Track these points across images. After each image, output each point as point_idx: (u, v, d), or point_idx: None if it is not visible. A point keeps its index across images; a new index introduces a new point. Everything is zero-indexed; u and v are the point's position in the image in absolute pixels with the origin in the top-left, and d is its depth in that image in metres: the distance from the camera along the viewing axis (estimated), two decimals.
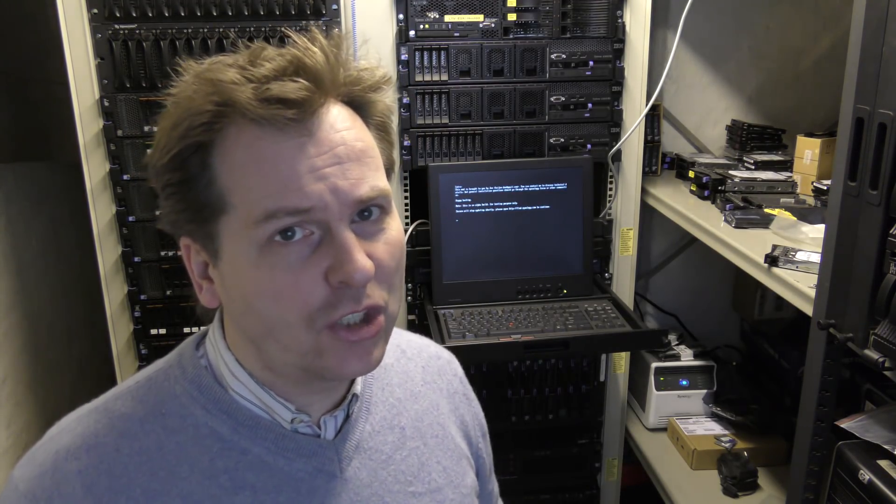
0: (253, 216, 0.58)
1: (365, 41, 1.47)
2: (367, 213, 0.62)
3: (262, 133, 0.58)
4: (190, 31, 1.43)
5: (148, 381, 0.69)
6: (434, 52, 1.54)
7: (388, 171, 0.67)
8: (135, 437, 0.65)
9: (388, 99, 0.67)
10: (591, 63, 1.60)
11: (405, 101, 1.56)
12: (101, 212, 1.50)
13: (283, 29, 1.41)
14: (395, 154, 1.54)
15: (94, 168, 1.48)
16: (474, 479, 0.85)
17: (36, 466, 0.64)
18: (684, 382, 1.80)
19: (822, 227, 1.11)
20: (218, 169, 0.60)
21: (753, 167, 1.74)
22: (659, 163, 1.92)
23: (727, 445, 1.65)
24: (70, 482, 0.62)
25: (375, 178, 0.62)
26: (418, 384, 0.83)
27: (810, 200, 1.53)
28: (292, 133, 0.58)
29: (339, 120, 0.61)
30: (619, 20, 1.58)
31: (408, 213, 1.64)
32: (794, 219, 1.39)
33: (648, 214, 1.94)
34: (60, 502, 0.62)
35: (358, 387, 0.74)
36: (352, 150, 0.61)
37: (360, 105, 0.64)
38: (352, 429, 0.72)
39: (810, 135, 1.63)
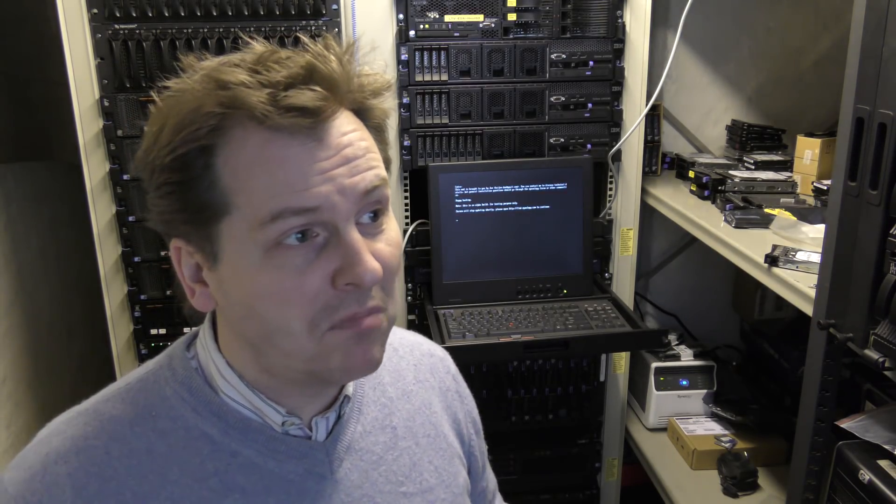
0: (259, 217, 0.58)
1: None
2: (371, 215, 0.63)
3: (272, 136, 0.58)
4: (190, 31, 1.43)
5: (138, 382, 0.69)
6: (434, 52, 1.54)
7: (386, 167, 0.68)
8: (125, 440, 0.64)
9: (387, 104, 0.67)
10: (591, 63, 1.59)
11: (405, 101, 1.56)
12: (101, 212, 1.50)
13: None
14: (394, 153, 1.56)
15: (94, 168, 1.48)
16: (466, 478, 0.85)
17: (25, 469, 0.63)
18: (684, 382, 1.80)
19: (822, 227, 1.11)
20: (221, 170, 0.59)
21: (753, 167, 1.74)
22: (659, 163, 1.92)
23: (727, 445, 1.65)
24: (60, 485, 0.62)
25: (378, 169, 0.63)
26: (410, 383, 0.83)
27: (810, 200, 1.53)
28: (302, 138, 0.58)
29: (345, 124, 0.61)
30: (619, 20, 1.58)
31: (408, 213, 1.64)
32: (794, 219, 1.39)
33: (648, 214, 1.94)
34: None
35: (350, 388, 0.74)
36: (358, 149, 0.61)
37: (361, 110, 0.65)
38: (343, 430, 0.72)
39: (810, 135, 1.62)
